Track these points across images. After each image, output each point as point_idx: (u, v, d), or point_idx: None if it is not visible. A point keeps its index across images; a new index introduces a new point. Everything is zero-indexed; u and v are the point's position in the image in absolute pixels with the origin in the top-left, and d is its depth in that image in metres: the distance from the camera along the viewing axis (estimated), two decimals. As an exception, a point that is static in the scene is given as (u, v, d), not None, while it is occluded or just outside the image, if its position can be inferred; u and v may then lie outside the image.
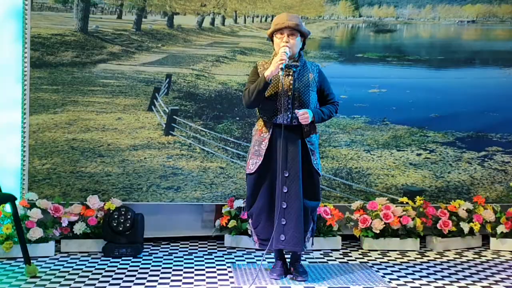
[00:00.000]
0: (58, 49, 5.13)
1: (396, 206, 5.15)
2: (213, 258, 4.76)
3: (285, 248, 3.92)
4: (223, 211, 5.14)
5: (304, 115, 3.82)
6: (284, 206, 3.88)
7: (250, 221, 4.15)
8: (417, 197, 5.22)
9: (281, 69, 3.76)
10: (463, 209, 5.20)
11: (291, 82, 3.89)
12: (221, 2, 5.40)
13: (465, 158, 5.47)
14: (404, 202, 5.22)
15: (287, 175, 3.89)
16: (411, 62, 5.52)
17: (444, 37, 5.64)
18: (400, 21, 5.61)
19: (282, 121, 3.89)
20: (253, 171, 3.97)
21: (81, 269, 4.40)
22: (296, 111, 3.84)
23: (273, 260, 4.24)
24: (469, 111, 5.50)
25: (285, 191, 3.88)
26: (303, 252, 4.41)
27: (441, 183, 5.41)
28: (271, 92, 3.88)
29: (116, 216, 4.84)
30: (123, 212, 4.86)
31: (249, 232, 4.37)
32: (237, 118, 5.31)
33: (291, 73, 3.90)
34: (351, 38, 5.61)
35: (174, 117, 5.24)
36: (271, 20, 4.71)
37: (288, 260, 4.19)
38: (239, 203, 5.09)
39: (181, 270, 4.38)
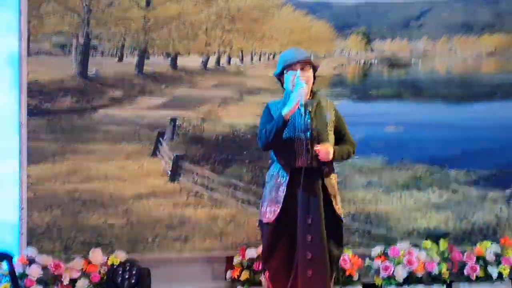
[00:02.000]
0: (57, 95, 4.94)
1: (420, 251, 4.87)
2: (225, 314, 4.48)
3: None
4: (234, 261, 4.88)
5: (326, 150, 3.54)
6: (309, 257, 3.57)
7: (267, 275, 3.83)
8: (441, 240, 4.96)
9: (301, 105, 3.52)
10: (491, 252, 4.95)
11: (308, 121, 3.63)
12: (226, 40, 5.21)
13: (489, 197, 5.26)
14: (428, 247, 4.95)
15: (310, 222, 3.59)
16: (428, 97, 5.35)
17: (462, 71, 5.47)
18: (415, 55, 5.43)
19: (301, 164, 3.62)
20: (272, 220, 3.68)
21: (84, 332, 4.12)
22: (315, 146, 3.56)
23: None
24: (491, 147, 5.31)
25: (309, 239, 3.58)
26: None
27: (466, 224, 5.20)
28: (288, 133, 3.63)
29: (120, 272, 4.61)
30: (127, 267, 4.63)
31: (267, 286, 4.01)
32: (247, 162, 5.09)
33: (308, 112, 3.64)
34: (364, 75, 5.43)
35: (180, 163, 5.02)
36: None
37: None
38: (252, 252, 4.84)
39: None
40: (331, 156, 3.57)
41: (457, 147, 5.26)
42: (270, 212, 3.71)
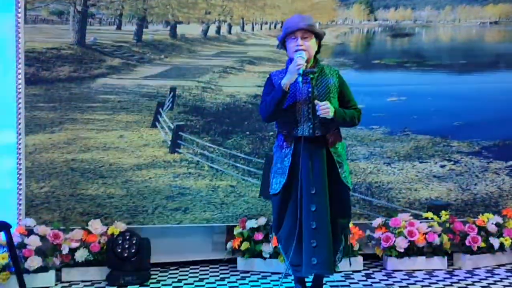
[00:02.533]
0: (54, 64, 4.86)
1: (421, 222, 4.85)
2: (225, 284, 4.50)
3: (317, 272, 3.58)
4: (235, 232, 4.87)
5: (325, 106, 3.47)
6: (314, 227, 3.54)
7: (280, 245, 3.80)
8: (443, 211, 4.93)
9: (299, 74, 3.46)
10: (492, 223, 4.92)
11: (310, 89, 3.56)
12: (227, 9, 5.12)
13: (492, 168, 5.19)
14: (429, 218, 4.93)
15: (313, 191, 3.55)
16: (432, 67, 5.24)
17: (466, 40, 5.36)
18: (418, 24, 5.33)
19: (304, 133, 3.56)
20: (277, 191, 3.66)
21: (84, 301, 4.13)
22: (316, 101, 3.49)
23: (291, 284, 3.90)
24: (494, 118, 5.21)
25: (313, 209, 3.54)
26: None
27: (468, 196, 5.13)
28: (289, 102, 3.55)
29: (120, 242, 4.59)
30: (127, 237, 4.61)
31: (284, 257, 3.96)
32: (247, 133, 5.02)
33: (309, 80, 3.56)
34: (367, 44, 5.33)
35: (180, 133, 4.96)
36: (281, 27, 4.42)
37: (308, 284, 3.84)
38: (252, 223, 4.81)
39: (193, 299, 4.10)
40: (331, 112, 3.50)
41: (460, 117, 5.18)
42: (276, 183, 3.68)
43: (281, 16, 5.10)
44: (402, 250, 4.76)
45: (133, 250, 4.55)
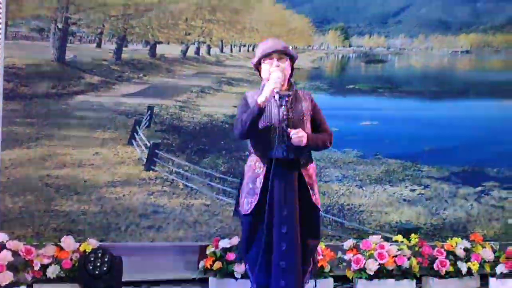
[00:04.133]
0: (33, 80, 4.90)
1: (391, 245, 4.92)
2: (196, 303, 4.49)
3: (285, 293, 3.62)
4: (207, 251, 4.86)
5: (299, 135, 3.54)
6: (284, 248, 3.58)
7: (247, 266, 3.83)
8: (412, 235, 5.01)
9: (277, 93, 3.52)
10: (461, 248, 4.99)
11: (284, 112, 3.63)
12: (207, 30, 5.21)
13: (461, 193, 5.32)
14: (399, 241, 4.99)
15: (285, 213, 3.60)
16: (404, 93, 5.39)
17: (438, 68, 5.52)
18: (392, 51, 5.46)
19: (278, 155, 3.63)
20: (248, 212, 3.68)
21: (54, 317, 4.09)
22: (289, 130, 3.56)
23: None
24: (464, 144, 5.37)
25: (284, 231, 3.58)
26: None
27: (437, 220, 5.25)
28: (264, 124, 3.62)
29: (92, 259, 4.54)
30: (100, 254, 4.57)
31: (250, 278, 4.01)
32: (223, 152, 5.10)
33: (284, 103, 3.64)
34: (342, 69, 5.47)
35: (156, 151, 5.01)
36: (258, 50, 4.51)
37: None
38: (225, 243, 4.82)
39: (163, 318, 4.10)
40: (304, 140, 3.56)
41: (430, 143, 5.31)
42: (247, 203, 3.69)
43: (259, 39, 5.16)
44: (372, 273, 4.80)
45: (104, 268, 4.50)
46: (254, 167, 3.72)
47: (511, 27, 5.54)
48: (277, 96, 3.58)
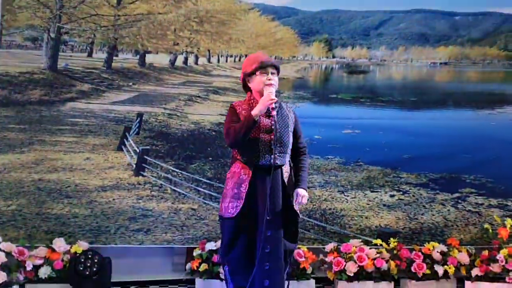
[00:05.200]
0: (26, 87, 5.02)
1: (370, 248, 5.06)
2: (183, 304, 4.61)
3: (269, 293, 3.77)
4: (194, 254, 4.98)
5: (306, 196, 3.79)
6: (267, 250, 3.73)
7: (226, 268, 3.97)
8: (391, 239, 5.14)
9: (273, 108, 3.69)
10: (437, 252, 5.13)
11: (273, 123, 3.80)
12: (194, 41, 5.37)
13: (438, 199, 5.45)
14: (378, 244, 5.13)
15: (269, 217, 3.76)
16: (384, 103, 5.54)
17: (417, 79, 5.69)
18: (373, 62, 5.63)
19: (264, 162, 3.79)
20: (234, 215, 3.82)
21: (44, 316, 4.20)
22: (297, 191, 3.79)
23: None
24: (442, 152, 5.51)
25: (269, 234, 3.74)
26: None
27: (415, 224, 5.37)
28: (253, 134, 3.78)
29: (82, 260, 4.65)
30: (90, 256, 4.68)
31: (225, 280, 4.15)
32: (210, 158, 5.23)
33: (272, 114, 3.81)
34: (325, 79, 5.62)
35: (145, 157, 5.13)
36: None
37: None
38: (211, 245, 4.95)
39: (150, 317, 4.22)
40: (307, 196, 3.80)
41: (409, 151, 5.47)
42: (232, 207, 3.80)
43: (245, 50, 5.37)
44: (352, 274, 4.93)
45: (94, 269, 4.61)
46: (239, 173, 3.84)
47: (488, 41, 5.72)
48: (274, 108, 3.75)
